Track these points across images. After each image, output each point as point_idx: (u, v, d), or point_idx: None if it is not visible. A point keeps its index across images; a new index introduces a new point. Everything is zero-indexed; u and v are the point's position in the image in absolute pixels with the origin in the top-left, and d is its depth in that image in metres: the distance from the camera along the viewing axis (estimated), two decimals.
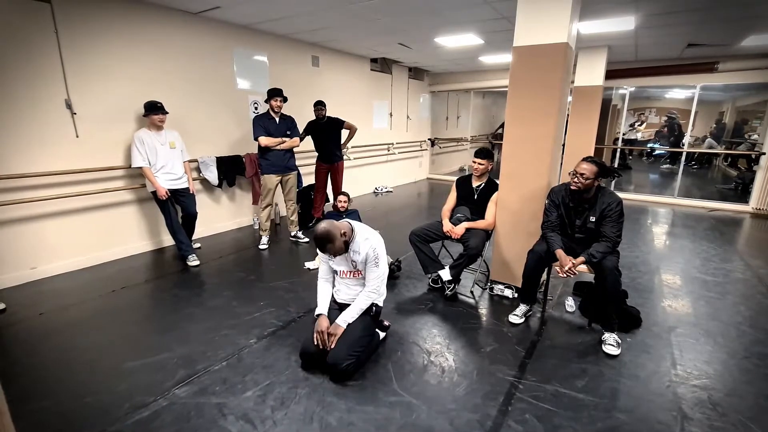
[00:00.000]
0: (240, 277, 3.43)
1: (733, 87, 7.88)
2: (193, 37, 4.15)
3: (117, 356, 2.27)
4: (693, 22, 4.18)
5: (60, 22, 3.18)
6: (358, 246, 2.20)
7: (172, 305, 2.94)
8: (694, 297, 3.16)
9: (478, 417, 1.83)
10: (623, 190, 7.51)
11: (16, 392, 1.97)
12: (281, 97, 4.01)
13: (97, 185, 3.59)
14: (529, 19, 2.76)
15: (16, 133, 3.07)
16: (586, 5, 3.47)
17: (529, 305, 2.77)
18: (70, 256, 3.50)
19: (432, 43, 5.40)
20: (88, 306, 2.89)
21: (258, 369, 2.15)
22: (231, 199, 4.86)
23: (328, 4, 3.76)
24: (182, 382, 2.03)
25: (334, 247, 2.10)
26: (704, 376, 2.16)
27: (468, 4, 3.71)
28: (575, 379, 2.11)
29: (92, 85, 3.44)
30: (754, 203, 6.15)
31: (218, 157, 4.50)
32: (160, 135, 3.53)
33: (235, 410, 1.84)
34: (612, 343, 2.38)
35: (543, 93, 2.80)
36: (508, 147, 3.01)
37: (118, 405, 1.87)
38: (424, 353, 2.35)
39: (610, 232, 2.40)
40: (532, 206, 2.94)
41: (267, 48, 4.97)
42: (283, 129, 4.08)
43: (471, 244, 2.92)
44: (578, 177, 2.42)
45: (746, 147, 8.20)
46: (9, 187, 3.07)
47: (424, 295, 3.15)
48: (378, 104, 7.29)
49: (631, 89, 7.49)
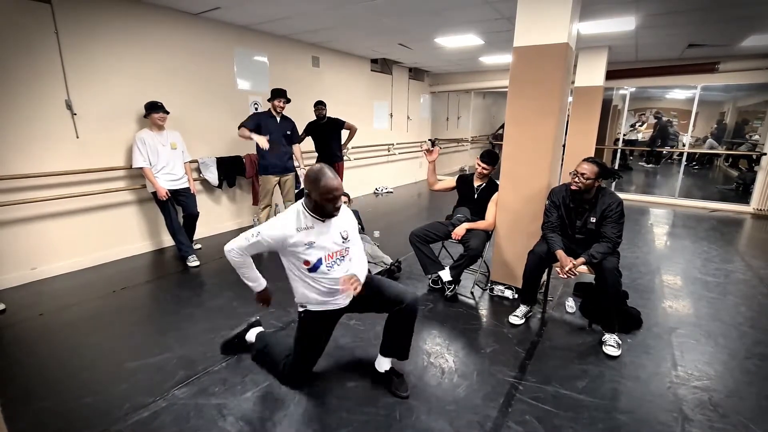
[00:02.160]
0: (240, 278, 3.42)
1: (734, 87, 7.88)
2: (193, 37, 4.15)
3: (117, 357, 2.27)
4: (693, 22, 4.17)
5: (60, 23, 3.18)
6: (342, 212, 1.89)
7: (172, 306, 2.94)
8: (695, 298, 3.16)
9: (478, 418, 1.83)
10: (623, 190, 7.50)
11: (16, 392, 1.97)
12: (284, 99, 4.01)
13: (98, 186, 3.59)
14: (529, 19, 2.76)
15: (17, 133, 3.07)
16: (587, 5, 3.46)
17: (529, 306, 2.76)
18: (71, 256, 3.50)
19: (432, 43, 5.40)
20: (88, 306, 2.89)
21: (257, 370, 2.15)
22: (231, 199, 4.86)
23: (328, 5, 3.76)
24: (182, 383, 2.03)
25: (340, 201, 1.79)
26: (705, 377, 2.15)
27: (468, 4, 3.71)
28: (576, 380, 2.11)
29: (92, 86, 3.44)
30: (755, 204, 6.14)
31: (218, 158, 4.50)
32: (161, 135, 3.53)
33: (234, 411, 1.84)
34: (612, 344, 2.38)
35: (543, 93, 2.79)
36: (509, 147, 3.00)
37: (118, 405, 1.87)
38: (424, 354, 2.34)
39: (611, 233, 2.39)
40: (532, 207, 2.93)
41: (267, 48, 4.97)
42: (283, 129, 4.08)
43: (471, 245, 2.91)
44: (579, 177, 2.42)
45: (747, 147, 8.19)
46: (9, 188, 3.07)
47: (424, 295, 3.14)
48: (378, 105, 7.29)
49: (632, 90, 7.48)
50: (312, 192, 1.74)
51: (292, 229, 1.77)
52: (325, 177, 1.71)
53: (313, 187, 1.73)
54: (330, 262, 1.85)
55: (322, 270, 1.83)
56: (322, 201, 1.73)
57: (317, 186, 1.71)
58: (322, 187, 1.71)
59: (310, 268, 1.82)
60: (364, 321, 2.68)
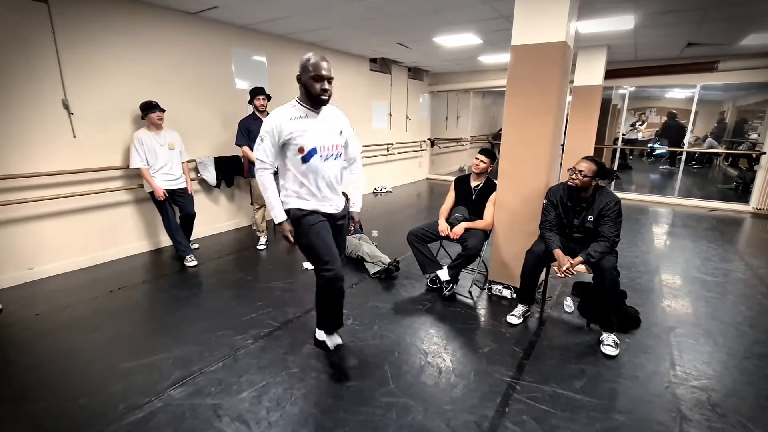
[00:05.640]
0: (238, 278, 3.42)
1: (734, 86, 7.87)
2: (191, 37, 4.14)
3: (113, 357, 2.26)
4: (693, 21, 4.16)
5: (57, 22, 3.17)
6: (332, 110, 1.97)
7: (170, 306, 2.93)
8: (694, 297, 3.15)
9: (475, 418, 1.82)
10: (623, 190, 7.49)
11: (11, 393, 1.96)
12: (264, 95, 3.92)
13: (95, 185, 3.58)
14: (527, 18, 2.75)
15: (13, 133, 3.06)
16: (585, 4, 3.46)
17: (527, 305, 2.75)
18: (67, 256, 3.49)
19: (431, 42, 5.39)
20: (84, 307, 2.88)
21: (254, 370, 2.14)
22: (229, 199, 4.85)
23: (326, 4, 3.75)
24: (178, 383, 2.02)
25: (330, 78, 1.82)
26: (703, 377, 2.14)
27: (466, 4, 3.70)
28: (573, 380, 2.10)
29: (89, 85, 3.43)
30: (755, 203, 6.13)
31: (216, 158, 4.49)
32: (159, 136, 3.52)
33: (230, 411, 1.83)
34: (610, 343, 2.37)
35: (541, 92, 2.78)
36: (507, 146, 3.00)
37: (114, 406, 1.86)
38: (421, 354, 2.33)
39: (609, 232, 2.38)
40: (530, 206, 2.92)
41: (265, 48, 4.96)
42: None
43: (469, 244, 2.90)
44: (577, 174, 2.42)
45: (747, 146, 8.18)
46: (5, 188, 3.06)
47: (422, 295, 3.13)
48: (377, 104, 7.28)
49: (631, 89, 7.48)
50: (302, 75, 1.81)
51: (284, 118, 1.84)
52: (314, 56, 1.79)
53: (302, 70, 1.81)
54: (325, 153, 1.89)
55: (316, 161, 1.87)
56: (310, 81, 1.79)
57: (306, 66, 1.78)
58: (311, 65, 1.77)
59: (304, 156, 1.85)
60: (362, 321, 2.68)
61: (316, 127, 1.87)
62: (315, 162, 1.87)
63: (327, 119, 1.92)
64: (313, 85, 1.79)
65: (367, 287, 3.25)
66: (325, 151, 1.89)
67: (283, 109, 1.87)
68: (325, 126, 1.91)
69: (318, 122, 1.88)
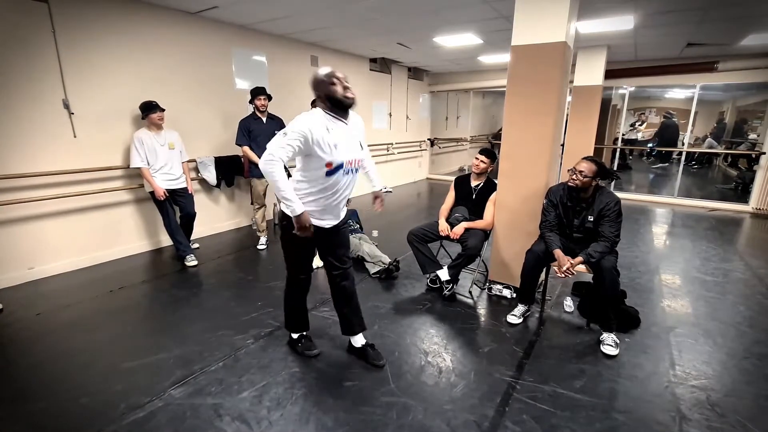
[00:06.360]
0: (238, 278, 3.43)
1: (734, 86, 7.87)
2: (191, 37, 4.15)
3: (113, 357, 2.27)
4: (692, 21, 4.16)
5: (57, 22, 3.17)
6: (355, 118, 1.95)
7: (170, 305, 2.93)
8: (694, 297, 3.15)
9: (475, 418, 1.82)
10: (623, 190, 7.50)
11: (12, 393, 1.96)
12: (264, 95, 3.93)
13: (95, 185, 3.58)
14: (527, 18, 2.75)
15: (14, 133, 3.07)
16: (585, 4, 3.46)
17: (527, 305, 2.76)
18: (68, 256, 3.49)
19: (431, 42, 5.40)
20: (85, 306, 2.88)
21: (254, 369, 2.15)
22: (230, 199, 4.86)
23: (326, 4, 3.75)
24: (178, 383, 2.03)
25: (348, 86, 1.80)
26: (703, 377, 2.15)
27: (467, 4, 3.70)
28: (573, 380, 2.10)
29: (90, 85, 3.43)
30: (754, 203, 6.13)
31: (217, 157, 4.50)
32: (159, 135, 3.52)
33: (230, 411, 1.83)
34: (610, 343, 2.37)
35: (541, 92, 2.79)
36: (507, 146, 3.00)
37: (114, 405, 1.86)
38: (421, 353, 2.34)
39: (609, 232, 2.39)
40: (530, 206, 2.92)
41: (266, 48, 4.96)
42: (272, 130, 3.96)
43: (469, 244, 2.91)
44: (577, 174, 2.42)
45: (746, 147, 8.18)
46: (6, 187, 3.06)
47: (422, 295, 3.14)
48: (377, 104, 7.28)
49: (631, 89, 7.48)
50: (319, 89, 1.80)
51: (323, 128, 1.76)
52: (322, 69, 1.80)
53: (317, 85, 1.79)
54: (348, 168, 1.87)
55: (339, 175, 1.83)
56: (331, 89, 1.76)
57: (320, 80, 1.77)
58: (325, 75, 1.77)
59: (330, 170, 1.79)
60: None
61: (347, 141, 1.83)
62: (338, 176, 1.83)
63: (352, 130, 1.89)
64: (335, 90, 1.77)
65: (367, 287, 3.25)
66: (350, 166, 1.88)
67: (318, 118, 1.77)
68: (354, 139, 1.89)
69: (348, 133, 1.85)
